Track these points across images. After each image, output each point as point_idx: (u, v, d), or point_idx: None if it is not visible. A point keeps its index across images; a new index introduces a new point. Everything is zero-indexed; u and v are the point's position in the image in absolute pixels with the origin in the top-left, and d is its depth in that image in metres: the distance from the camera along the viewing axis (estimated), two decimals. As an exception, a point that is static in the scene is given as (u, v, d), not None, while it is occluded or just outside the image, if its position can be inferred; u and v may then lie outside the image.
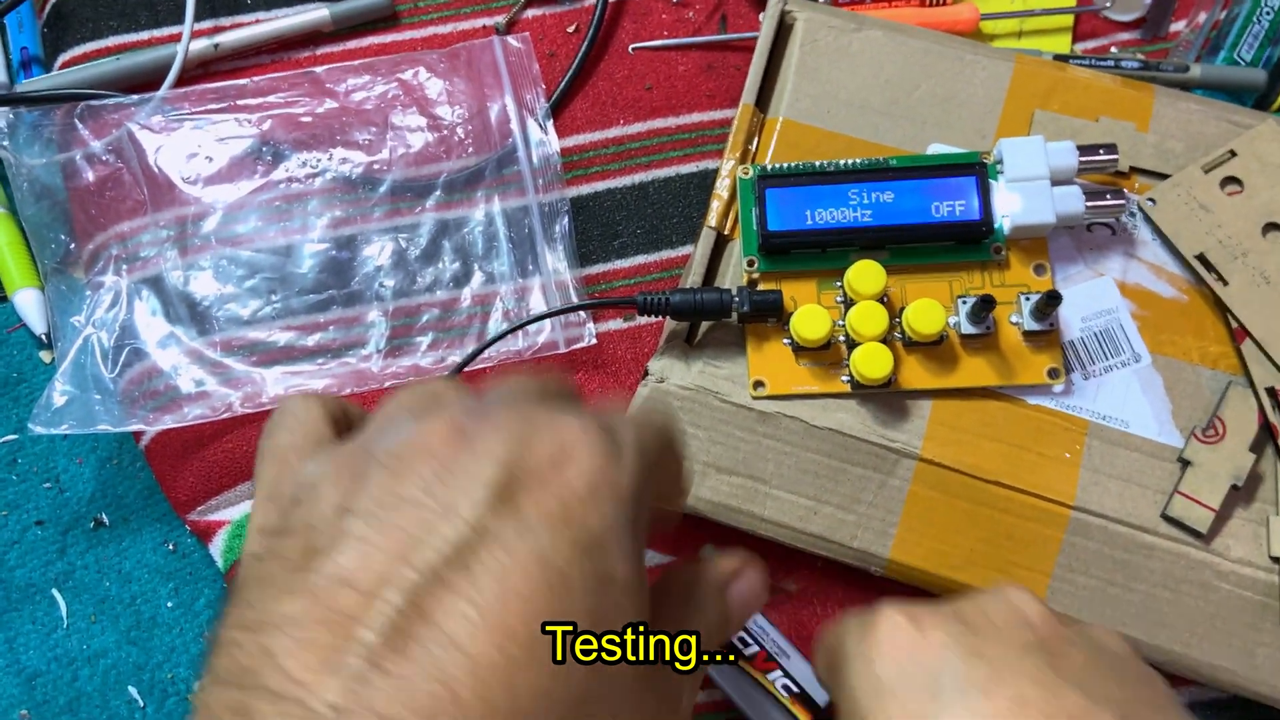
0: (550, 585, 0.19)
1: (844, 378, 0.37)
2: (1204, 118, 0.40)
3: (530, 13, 0.48)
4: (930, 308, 0.35)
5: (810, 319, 0.36)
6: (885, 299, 0.37)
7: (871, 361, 0.35)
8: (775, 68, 0.42)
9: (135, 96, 0.45)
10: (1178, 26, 0.49)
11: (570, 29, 0.48)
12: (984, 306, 0.35)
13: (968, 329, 0.37)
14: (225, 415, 0.40)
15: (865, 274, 0.36)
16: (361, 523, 0.19)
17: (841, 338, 0.37)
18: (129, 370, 0.41)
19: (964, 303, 0.37)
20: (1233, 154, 0.39)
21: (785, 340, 0.37)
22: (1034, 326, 0.36)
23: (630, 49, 0.48)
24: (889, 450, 0.37)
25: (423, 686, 0.17)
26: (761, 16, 0.48)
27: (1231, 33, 0.48)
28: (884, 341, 0.36)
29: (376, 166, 0.44)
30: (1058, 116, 0.40)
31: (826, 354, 0.37)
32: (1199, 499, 0.35)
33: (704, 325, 0.38)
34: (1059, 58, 0.46)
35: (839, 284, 0.38)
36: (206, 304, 0.42)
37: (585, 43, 0.47)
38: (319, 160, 0.44)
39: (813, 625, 0.39)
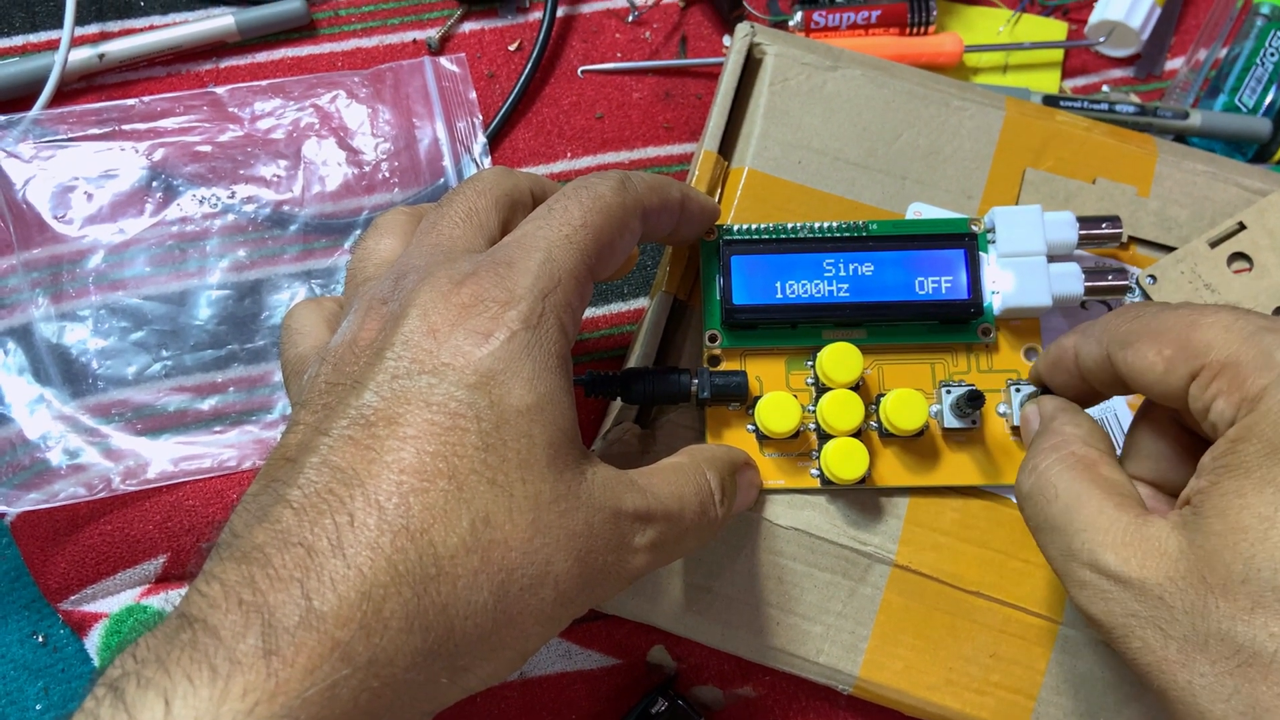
0: (441, 427, 0.22)
1: (813, 471, 0.33)
2: (1210, 181, 0.36)
3: (467, 26, 0.43)
4: (912, 401, 0.31)
5: (778, 409, 0.32)
6: (861, 383, 0.33)
7: (845, 461, 0.31)
8: (741, 108, 0.37)
9: (2, 117, 0.38)
10: (1174, 64, 0.46)
11: (512, 47, 0.43)
12: (971, 402, 0.31)
13: (951, 422, 0.33)
14: (103, 494, 0.35)
15: (841, 360, 0.32)
16: (304, 411, 0.24)
17: (812, 425, 0.33)
18: (-9, 437, 0.36)
19: (947, 392, 0.33)
20: (1241, 226, 0.35)
21: (749, 427, 0.33)
22: (1025, 421, 0.33)
23: (579, 72, 0.43)
24: (860, 554, 0.33)
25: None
26: (726, 43, 0.44)
27: (1232, 74, 0.44)
28: (858, 434, 0.32)
29: (287, 204, 0.38)
30: (1051, 176, 0.36)
31: (794, 444, 0.33)
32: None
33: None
34: (1049, 99, 0.42)
35: (810, 363, 0.33)
36: (84, 360, 0.37)
37: (529, 64, 0.42)
38: (219, 197, 0.38)
39: (770, 736, 0.35)
